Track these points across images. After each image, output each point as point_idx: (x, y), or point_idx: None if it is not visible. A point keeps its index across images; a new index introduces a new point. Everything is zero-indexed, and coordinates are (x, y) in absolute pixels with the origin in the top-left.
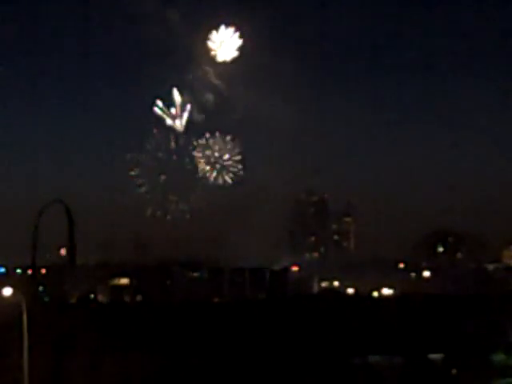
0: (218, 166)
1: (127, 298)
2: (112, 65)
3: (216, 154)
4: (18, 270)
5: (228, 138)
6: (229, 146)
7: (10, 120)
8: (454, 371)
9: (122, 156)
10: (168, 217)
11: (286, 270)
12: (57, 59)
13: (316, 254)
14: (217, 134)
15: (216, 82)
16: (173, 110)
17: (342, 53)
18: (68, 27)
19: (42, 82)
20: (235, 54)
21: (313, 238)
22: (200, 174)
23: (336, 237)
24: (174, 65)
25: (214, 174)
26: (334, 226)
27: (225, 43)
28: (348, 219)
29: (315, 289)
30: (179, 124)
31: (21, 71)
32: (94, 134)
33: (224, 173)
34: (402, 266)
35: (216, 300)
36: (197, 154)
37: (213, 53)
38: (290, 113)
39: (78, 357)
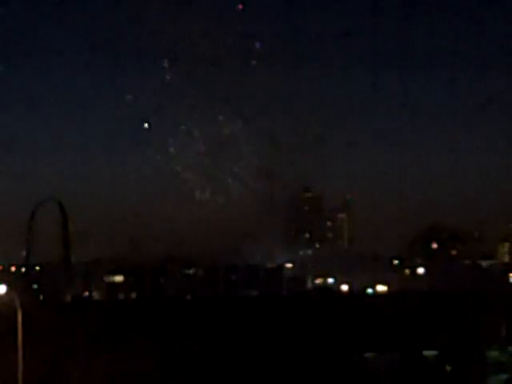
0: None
1: (122, 296)
2: (112, 64)
3: None
4: (13, 269)
5: None
6: None
7: (8, 118)
8: (448, 368)
9: (120, 154)
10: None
11: (280, 267)
12: (57, 58)
13: (310, 251)
14: None
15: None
16: None
17: (341, 51)
18: (68, 27)
19: (42, 80)
20: None
21: (307, 235)
22: None
23: (330, 234)
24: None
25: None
26: (329, 223)
27: None
28: (342, 216)
29: (309, 286)
30: None
31: (19, 72)
32: (91, 132)
33: None
34: (396, 262)
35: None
36: None
37: None
38: (286, 109)
39: (73, 354)
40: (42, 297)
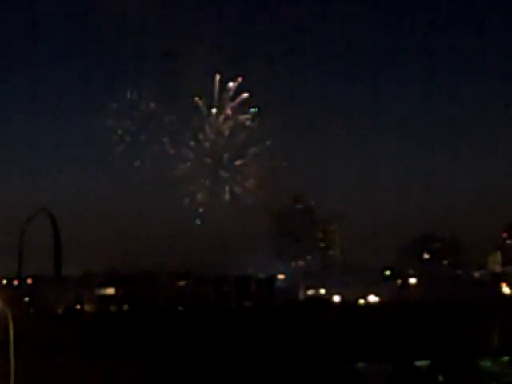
0: None
1: (114, 308)
2: (109, 69)
3: None
4: (4, 281)
5: None
6: None
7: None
8: (440, 378)
9: (113, 166)
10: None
11: (272, 278)
12: (57, 59)
13: (302, 262)
14: None
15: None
16: None
17: (340, 55)
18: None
19: (41, 89)
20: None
21: (299, 246)
22: None
23: (322, 244)
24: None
25: None
26: (320, 234)
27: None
28: (334, 227)
29: (301, 297)
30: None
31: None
32: (82, 144)
33: None
34: (387, 273)
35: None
36: None
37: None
38: (279, 120)
39: (65, 366)
40: (33, 309)
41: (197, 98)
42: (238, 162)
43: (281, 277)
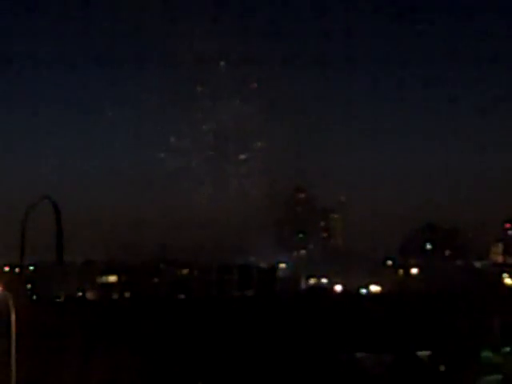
0: None
1: (115, 296)
2: (111, 63)
3: None
4: (6, 268)
5: None
6: None
7: (5, 118)
8: (442, 368)
9: (117, 156)
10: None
11: (274, 267)
12: (58, 59)
13: (304, 252)
14: None
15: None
16: None
17: (341, 53)
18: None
19: (42, 80)
20: None
21: (301, 236)
22: None
23: (324, 234)
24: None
25: None
26: (322, 224)
27: None
28: (336, 216)
29: (303, 286)
30: None
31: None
32: (85, 133)
33: None
34: (389, 263)
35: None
36: None
37: None
38: (281, 112)
39: (67, 355)
40: (35, 297)
41: (200, 88)
42: (242, 157)
43: (283, 266)
